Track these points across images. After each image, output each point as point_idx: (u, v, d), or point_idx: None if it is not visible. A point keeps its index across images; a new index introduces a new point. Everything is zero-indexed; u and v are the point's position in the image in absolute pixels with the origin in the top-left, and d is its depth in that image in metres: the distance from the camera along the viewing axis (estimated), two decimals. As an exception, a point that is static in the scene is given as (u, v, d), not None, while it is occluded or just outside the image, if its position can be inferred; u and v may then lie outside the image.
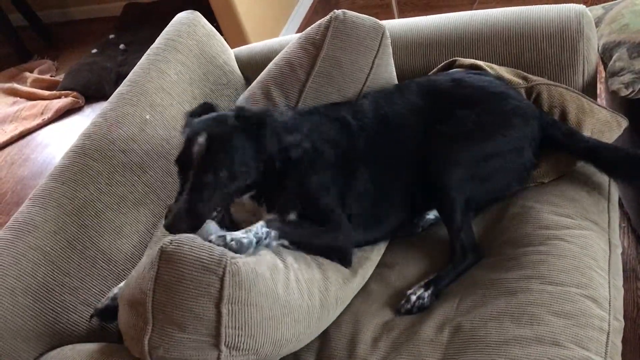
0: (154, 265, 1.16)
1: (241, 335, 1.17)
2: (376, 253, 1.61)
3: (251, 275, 1.18)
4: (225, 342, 1.15)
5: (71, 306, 1.45)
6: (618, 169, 1.61)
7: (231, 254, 1.19)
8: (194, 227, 1.31)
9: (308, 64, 1.72)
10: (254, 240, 1.30)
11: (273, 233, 1.35)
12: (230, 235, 1.27)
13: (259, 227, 1.34)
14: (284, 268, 1.30)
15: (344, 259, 1.49)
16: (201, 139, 1.36)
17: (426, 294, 1.47)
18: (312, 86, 1.71)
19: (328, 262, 1.46)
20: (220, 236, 1.26)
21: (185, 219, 1.30)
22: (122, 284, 1.43)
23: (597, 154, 1.61)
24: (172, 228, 1.29)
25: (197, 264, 1.14)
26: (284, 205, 1.46)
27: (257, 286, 1.19)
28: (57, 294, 1.43)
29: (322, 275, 1.41)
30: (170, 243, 1.16)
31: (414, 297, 1.47)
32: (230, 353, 1.17)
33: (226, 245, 1.24)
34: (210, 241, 1.23)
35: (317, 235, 1.45)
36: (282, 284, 1.26)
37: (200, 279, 1.13)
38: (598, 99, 1.89)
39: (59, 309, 1.43)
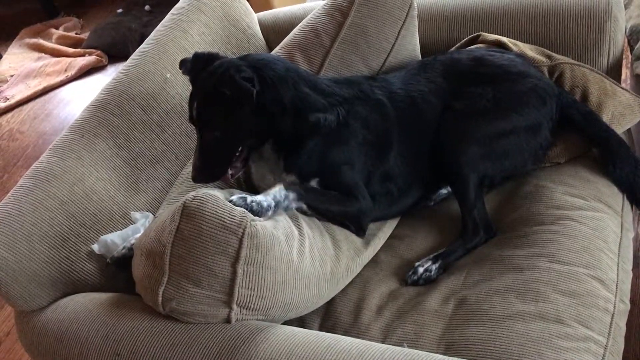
0: (175, 219, 1.18)
1: (253, 296, 1.19)
2: (388, 226, 1.62)
3: (269, 239, 1.20)
4: (237, 301, 1.18)
5: (85, 256, 1.48)
6: (619, 170, 1.59)
7: (251, 216, 1.20)
8: (212, 179, 1.46)
9: (333, 30, 1.71)
10: (273, 203, 1.31)
11: (292, 195, 1.36)
12: (251, 197, 1.29)
13: (278, 191, 1.35)
14: (299, 235, 1.32)
15: (359, 230, 1.50)
16: (195, 105, 1.41)
17: (434, 267, 1.48)
18: (337, 53, 1.70)
19: (340, 232, 1.47)
20: (241, 197, 1.28)
21: (200, 174, 1.42)
22: (139, 234, 1.46)
23: (608, 147, 1.61)
24: (195, 180, 1.44)
25: (218, 222, 1.15)
26: (304, 170, 1.47)
27: (273, 250, 1.21)
28: (72, 243, 1.46)
29: (334, 245, 1.42)
30: (193, 199, 1.18)
31: (421, 269, 1.48)
32: (240, 311, 1.20)
33: (247, 206, 1.25)
34: (231, 201, 1.24)
35: (337, 202, 1.46)
36: (297, 250, 1.28)
37: (220, 238, 1.15)
38: (623, 83, 1.87)
39: (73, 257, 1.46)
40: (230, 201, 1.24)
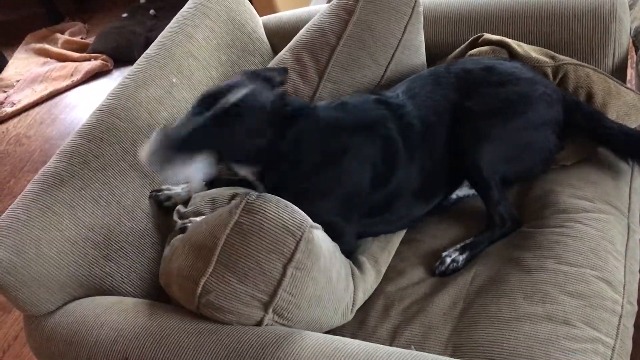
0: (233, 213, 1.19)
1: (291, 303, 1.20)
2: (397, 236, 1.61)
3: (319, 250, 1.22)
4: (276, 304, 1.19)
5: (93, 260, 1.49)
6: (637, 157, 1.59)
7: (310, 222, 1.21)
8: (167, 157, 1.30)
9: (339, 28, 1.72)
10: None
11: None
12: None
13: None
14: (339, 261, 1.33)
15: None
16: (235, 96, 1.37)
17: (461, 258, 1.49)
18: (343, 50, 1.71)
19: (364, 261, 1.48)
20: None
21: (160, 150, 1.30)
22: (198, 218, 1.46)
23: (615, 141, 1.60)
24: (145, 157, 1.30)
25: (279, 221, 1.17)
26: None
27: (319, 261, 1.22)
28: (80, 247, 1.47)
29: (353, 273, 1.44)
30: (257, 197, 1.19)
31: (448, 260, 1.49)
32: (273, 318, 1.21)
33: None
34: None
35: None
36: (336, 272, 1.30)
37: (278, 236, 1.16)
38: (628, 84, 1.86)
39: (81, 262, 1.46)
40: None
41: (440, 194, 1.64)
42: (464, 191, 1.68)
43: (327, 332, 1.40)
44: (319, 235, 1.24)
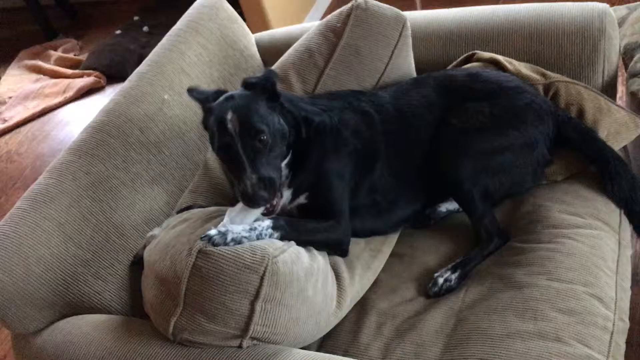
0: (191, 254, 1.18)
1: (267, 332, 1.20)
2: (387, 246, 1.61)
3: (288, 276, 1.21)
4: (250, 335, 1.19)
5: (82, 278, 1.47)
6: (617, 187, 1.59)
7: (273, 252, 1.20)
8: (273, 192, 1.32)
9: (327, 51, 1.73)
10: (255, 241, 1.25)
11: (276, 234, 1.31)
12: (231, 234, 1.22)
13: (265, 228, 1.29)
14: (316, 271, 1.32)
15: (340, 252, 1.51)
16: (230, 116, 1.34)
17: (453, 277, 1.49)
18: (330, 73, 1.72)
19: (342, 262, 1.48)
20: (221, 234, 1.21)
21: (262, 188, 1.30)
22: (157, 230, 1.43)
23: (606, 164, 1.60)
24: (254, 201, 1.30)
25: (239, 261, 1.16)
26: (300, 183, 1.49)
27: (291, 287, 1.22)
28: (69, 265, 1.45)
29: (340, 277, 1.44)
30: (208, 241, 1.18)
31: (441, 280, 1.49)
32: (251, 342, 1.21)
33: (225, 244, 1.20)
34: (208, 237, 1.20)
35: (319, 233, 1.45)
36: (312, 286, 1.29)
37: (240, 277, 1.15)
38: (619, 101, 1.88)
39: (70, 279, 1.45)
40: (207, 236, 1.20)
41: (424, 194, 1.64)
42: (453, 205, 1.68)
43: (320, 346, 1.40)
44: (287, 259, 1.22)
